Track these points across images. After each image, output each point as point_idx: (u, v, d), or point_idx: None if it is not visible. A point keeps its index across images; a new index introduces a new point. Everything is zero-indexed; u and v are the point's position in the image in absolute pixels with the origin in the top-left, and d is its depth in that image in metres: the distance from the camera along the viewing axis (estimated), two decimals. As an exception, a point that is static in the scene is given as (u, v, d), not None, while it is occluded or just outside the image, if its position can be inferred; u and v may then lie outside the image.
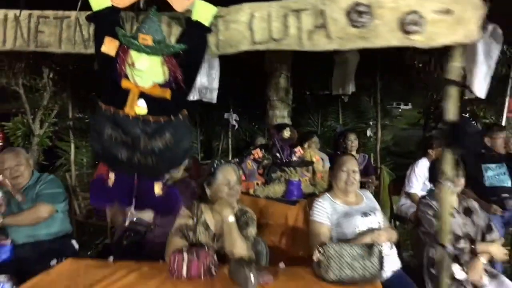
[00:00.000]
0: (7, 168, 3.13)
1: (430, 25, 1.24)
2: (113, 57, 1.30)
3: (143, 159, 1.44)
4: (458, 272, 2.56)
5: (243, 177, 3.34)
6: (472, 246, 2.60)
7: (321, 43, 1.30)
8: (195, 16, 1.26)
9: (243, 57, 1.65)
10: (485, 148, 4.28)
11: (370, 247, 2.09)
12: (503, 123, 5.30)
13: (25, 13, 1.36)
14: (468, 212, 2.81)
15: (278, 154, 3.40)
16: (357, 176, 2.77)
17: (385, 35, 1.26)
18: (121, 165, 1.44)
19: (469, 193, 4.16)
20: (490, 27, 2.86)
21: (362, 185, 3.67)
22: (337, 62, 4.59)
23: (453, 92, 1.29)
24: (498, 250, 2.63)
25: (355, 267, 2.02)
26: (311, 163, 3.45)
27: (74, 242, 3.34)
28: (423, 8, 1.23)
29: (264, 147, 3.49)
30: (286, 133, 3.42)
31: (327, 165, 5.10)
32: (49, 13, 1.35)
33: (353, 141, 5.10)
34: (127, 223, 3.29)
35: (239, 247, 2.24)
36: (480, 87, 3.08)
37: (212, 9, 1.29)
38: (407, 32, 1.24)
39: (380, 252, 2.08)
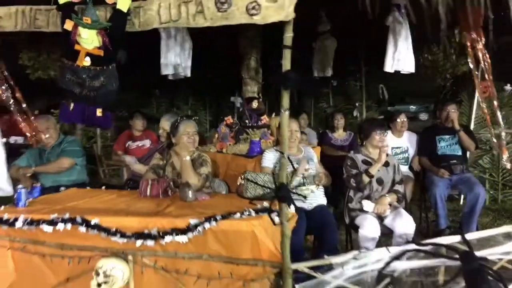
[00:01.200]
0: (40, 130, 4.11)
1: (264, 9, 2.02)
2: (70, 31, 2.18)
3: (88, 93, 2.30)
4: (366, 205, 3.30)
5: (218, 139, 4.21)
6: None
7: (200, 22, 2.10)
8: (118, 6, 2.13)
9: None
10: (439, 121, 4.90)
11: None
12: (475, 103, 5.84)
13: (27, 7, 2.30)
14: (386, 164, 3.52)
15: (247, 121, 4.22)
16: (298, 134, 3.54)
17: (238, 16, 2.05)
18: (76, 97, 2.32)
19: (423, 160, 4.84)
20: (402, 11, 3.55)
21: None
22: (316, 48, 5.32)
23: (287, 55, 2.05)
24: (391, 196, 3.41)
25: (265, 188, 2.81)
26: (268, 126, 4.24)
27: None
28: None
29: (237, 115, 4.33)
30: (254, 104, 4.24)
31: (314, 141, 5.88)
32: (41, 7, 2.27)
33: (339, 120, 5.83)
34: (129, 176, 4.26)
35: (192, 179, 3.07)
36: (408, 62, 3.79)
37: (128, 2, 2.15)
38: (251, 15, 2.02)
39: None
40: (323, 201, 3.43)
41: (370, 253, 2.45)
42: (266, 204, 2.43)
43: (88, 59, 2.18)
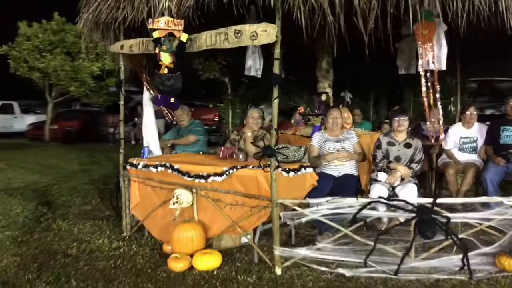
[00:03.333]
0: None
1: (259, 36, 3.27)
2: (156, 54, 3.77)
3: (165, 88, 3.84)
4: (380, 176, 4.22)
5: (294, 124, 5.50)
6: (388, 163, 4.22)
7: (226, 45, 3.44)
8: (181, 38, 3.60)
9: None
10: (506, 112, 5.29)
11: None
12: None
13: (144, 39, 4.00)
14: (408, 146, 4.35)
15: (316, 110, 5.38)
16: (339, 121, 4.62)
17: (245, 41, 3.35)
18: (160, 91, 3.91)
19: (487, 148, 5.30)
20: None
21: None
22: (399, 49, 6.06)
23: (277, 64, 3.28)
24: (404, 170, 4.18)
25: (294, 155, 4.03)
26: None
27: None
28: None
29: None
30: (323, 97, 5.36)
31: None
32: (149, 39, 3.92)
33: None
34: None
35: (249, 148, 4.44)
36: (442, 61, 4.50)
37: (186, 36, 3.57)
38: (252, 40, 3.29)
39: (305, 151, 4.04)
40: (352, 171, 4.43)
41: (342, 200, 3.51)
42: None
43: (166, 69, 3.73)
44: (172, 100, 3.95)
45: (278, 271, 3.43)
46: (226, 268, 3.56)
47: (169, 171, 4.03)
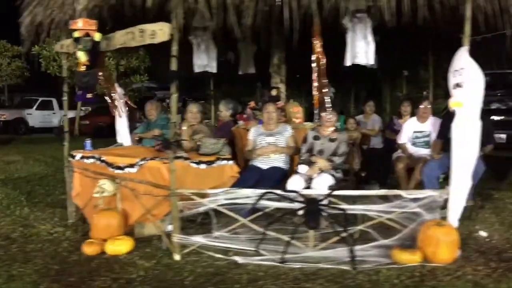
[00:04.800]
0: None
1: (157, 36, 3.48)
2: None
3: (82, 84, 4.16)
4: (301, 168, 4.32)
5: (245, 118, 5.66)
6: (310, 156, 4.30)
7: (133, 43, 3.67)
8: (95, 38, 3.84)
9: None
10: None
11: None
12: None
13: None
14: (332, 140, 4.42)
15: (265, 105, 5.53)
16: (274, 115, 4.74)
17: (147, 39, 3.56)
18: (79, 86, 4.25)
19: (436, 142, 5.25)
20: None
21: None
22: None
23: (174, 62, 3.49)
24: (322, 163, 4.25)
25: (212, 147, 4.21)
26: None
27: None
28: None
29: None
30: (273, 92, 5.47)
31: (376, 126, 6.66)
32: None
33: (406, 107, 6.46)
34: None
35: (186, 143, 4.65)
36: (369, 57, 4.53)
37: (100, 35, 3.81)
38: (151, 38, 3.48)
39: (224, 143, 4.21)
40: (279, 164, 4.54)
41: (239, 190, 3.66)
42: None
43: (83, 67, 3.99)
44: (89, 95, 4.22)
45: (177, 257, 3.63)
46: (135, 254, 3.79)
47: (98, 162, 4.31)
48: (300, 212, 3.57)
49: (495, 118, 7.72)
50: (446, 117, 5.40)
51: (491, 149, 5.19)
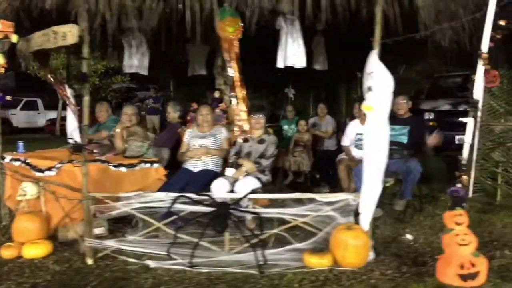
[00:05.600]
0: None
1: (67, 38, 3.46)
2: None
3: (1, 87, 4.12)
4: (227, 171, 4.30)
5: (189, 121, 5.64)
6: (237, 159, 4.28)
7: (48, 45, 3.64)
8: (12, 40, 3.82)
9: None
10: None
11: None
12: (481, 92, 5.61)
13: None
14: (261, 141, 4.41)
15: (210, 107, 5.51)
16: (209, 117, 4.72)
17: (60, 42, 3.53)
18: None
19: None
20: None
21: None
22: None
23: (85, 64, 3.45)
24: (248, 165, 4.23)
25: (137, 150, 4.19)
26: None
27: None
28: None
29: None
30: (216, 94, 5.46)
31: (330, 128, 6.66)
32: None
33: (358, 109, 6.45)
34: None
35: (117, 144, 4.63)
36: (299, 59, 4.52)
37: (17, 37, 3.77)
38: (63, 40, 3.45)
39: (149, 146, 4.18)
40: (210, 167, 4.52)
41: (153, 194, 3.64)
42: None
43: (2, 69, 3.97)
44: (8, 98, 4.20)
45: (90, 261, 3.60)
46: (51, 258, 3.76)
47: (23, 165, 4.28)
48: (210, 216, 3.54)
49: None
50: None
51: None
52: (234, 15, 3.57)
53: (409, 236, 4.22)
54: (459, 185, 3.23)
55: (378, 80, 3.41)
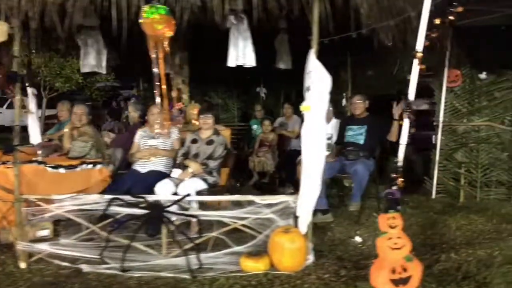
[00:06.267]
0: None
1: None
2: None
3: None
4: (174, 172, 4.20)
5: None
6: (184, 160, 4.19)
7: None
8: None
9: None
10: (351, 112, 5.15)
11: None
12: (443, 93, 5.56)
13: None
14: (210, 142, 4.31)
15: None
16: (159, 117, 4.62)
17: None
18: None
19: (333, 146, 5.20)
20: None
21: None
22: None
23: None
24: (195, 166, 4.13)
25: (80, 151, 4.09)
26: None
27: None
28: None
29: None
30: (174, 94, 5.36)
31: (297, 127, 6.59)
32: None
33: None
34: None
35: (66, 145, 4.53)
36: (248, 58, 4.42)
37: None
38: None
39: (91, 146, 4.08)
40: (159, 168, 4.42)
41: (87, 196, 3.54)
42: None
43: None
44: None
45: (22, 264, 3.51)
46: (-14, 260, 3.66)
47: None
48: (142, 219, 3.45)
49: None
50: (342, 121, 5.37)
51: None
52: (165, 12, 3.47)
53: (358, 239, 4.15)
54: (395, 187, 3.14)
55: (315, 79, 3.33)
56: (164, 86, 4.07)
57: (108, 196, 3.51)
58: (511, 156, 5.40)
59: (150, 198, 3.52)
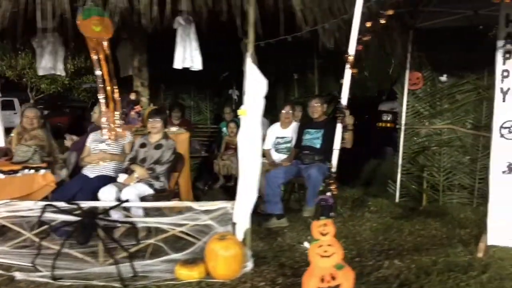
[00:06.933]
0: None
1: None
2: None
3: None
4: (120, 177, 4.13)
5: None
6: (130, 165, 4.12)
7: None
8: None
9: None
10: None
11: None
12: (405, 95, 5.51)
13: None
14: (158, 147, 4.25)
15: (124, 110, 5.33)
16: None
17: None
18: None
19: (293, 149, 5.15)
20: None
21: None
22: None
23: None
24: (140, 171, 4.07)
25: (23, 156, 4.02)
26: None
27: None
28: None
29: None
30: (132, 96, 5.29)
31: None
32: None
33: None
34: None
35: (12, 147, 4.46)
36: (195, 61, 4.37)
37: None
38: None
39: (34, 151, 4.01)
40: (108, 173, 4.34)
41: (21, 203, 3.47)
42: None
43: None
44: None
45: (-46, 273, 3.44)
46: None
47: None
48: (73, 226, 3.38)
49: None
50: (300, 125, 5.31)
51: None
52: (102, 14, 3.40)
53: (306, 244, 4.04)
54: (328, 194, 3.08)
55: (251, 83, 3.27)
56: (109, 87, 3.99)
57: (42, 203, 3.44)
58: (473, 159, 5.35)
59: (84, 204, 3.45)
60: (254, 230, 4.51)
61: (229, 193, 5.90)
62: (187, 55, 4.27)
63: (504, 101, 3.83)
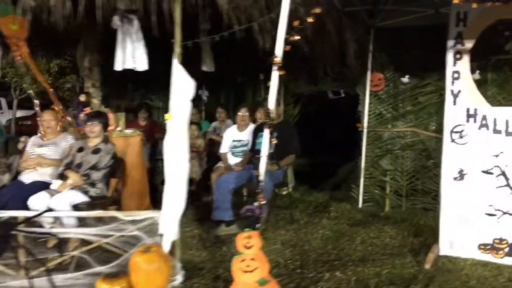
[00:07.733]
0: None
1: None
2: None
3: None
4: (54, 183, 3.92)
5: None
6: (65, 170, 3.91)
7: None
8: None
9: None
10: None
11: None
12: (367, 97, 5.32)
13: None
14: (96, 151, 4.04)
15: (74, 111, 5.13)
16: (52, 123, 4.33)
17: None
18: None
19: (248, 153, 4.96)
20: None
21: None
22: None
23: None
24: (74, 178, 3.85)
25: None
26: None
27: None
28: None
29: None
30: (82, 98, 5.09)
31: None
32: None
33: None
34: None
35: None
36: (139, 62, 4.16)
37: None
38: None
39: None
40: (44, 178, 4.11)
41: None
42: None
43: None
44: None
45: None
46: None
47: None
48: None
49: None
50: (255, 128, 5.11)
51: (293, 160, 4.90)
52: (15, 12, 3.19)
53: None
54: (256, 204, 2.88)
55: (177, 85, 3.07)
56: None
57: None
58: (436, 163, 5.15)
59: (2, 214, 3.24)
60: (201, 238, 4.36)
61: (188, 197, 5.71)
62: (128, 56, 4.05)
63: (455, 104, 3.65)
